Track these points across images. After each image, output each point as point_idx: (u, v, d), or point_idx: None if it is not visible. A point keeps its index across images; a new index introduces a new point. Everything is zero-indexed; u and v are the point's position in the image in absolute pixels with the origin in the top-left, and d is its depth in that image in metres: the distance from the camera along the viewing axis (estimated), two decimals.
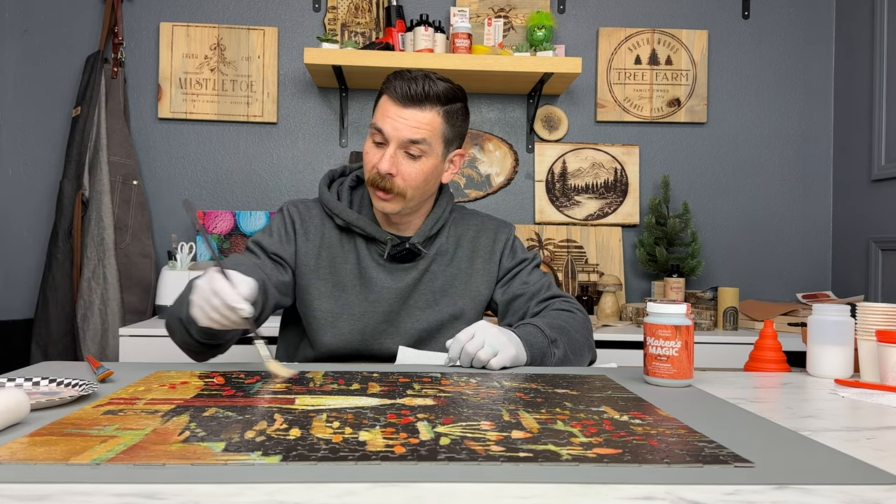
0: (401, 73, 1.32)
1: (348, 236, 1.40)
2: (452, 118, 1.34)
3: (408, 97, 1.29)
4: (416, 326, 1.39)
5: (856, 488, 0.61)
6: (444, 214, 1.43)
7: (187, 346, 1.24)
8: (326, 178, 1.46)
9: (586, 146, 2.70)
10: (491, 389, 1.00)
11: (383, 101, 1.32)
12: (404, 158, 1.31)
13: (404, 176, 1.31)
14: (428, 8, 2.64)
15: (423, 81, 1.29)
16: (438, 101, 1.30)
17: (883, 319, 1.15)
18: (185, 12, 2.61)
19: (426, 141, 1.30)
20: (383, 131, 1.30)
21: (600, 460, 0.66)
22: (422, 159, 1.31)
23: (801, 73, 2.75)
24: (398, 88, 1.29)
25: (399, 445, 0.70)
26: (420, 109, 1.29)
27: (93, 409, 0.83)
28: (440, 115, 1.31)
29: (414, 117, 1.29)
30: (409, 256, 1.39)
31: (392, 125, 1.29)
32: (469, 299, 1.43)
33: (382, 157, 1.29)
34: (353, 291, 1.38)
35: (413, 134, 1.29)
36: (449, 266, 1.43)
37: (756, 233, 2.74)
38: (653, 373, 1.06)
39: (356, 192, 1.45)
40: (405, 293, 1.39)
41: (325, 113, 2.66)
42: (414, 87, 1.28)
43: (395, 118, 1.29)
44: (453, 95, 1.33)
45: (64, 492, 0.57)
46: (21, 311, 2.55)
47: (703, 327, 2.33)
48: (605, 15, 2.72)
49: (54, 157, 2.57)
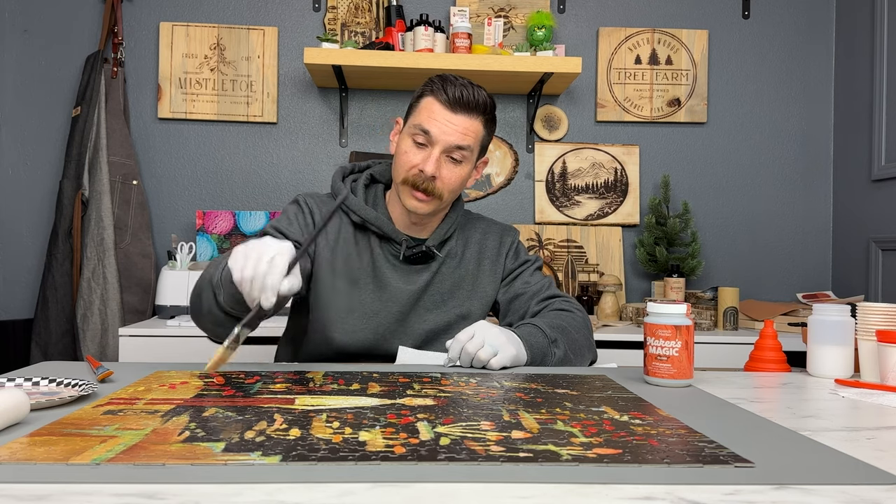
0: (447, 77, 1.33)
1: (363, 234, 1.40)
2: (490, 127, 1.37)
3: (459, 103, 1.30)
4: (423, 327, 1.39)
5: (856, 488, 0.61)
6: (459, 219, 1.45)
7: (212, 317, 1.15)
8: (339, 174, 1.45)
9: (586, 146, 2.70)
10: (491, 389, 1.00)
11: (429, 102, 1.32)
12: (447, 162, 1.32)
13: (444, 179, 1.32)
14: (428, 8, 2.64)
15: (472, 89, 1.32)
16: (484, 110, 1.33)
17: (883, 319, 1.15)
18: (184, 12, 2.61)
19: (470, 148, 1.32)
20: (430, 133, 1.30)
21: (600, 460, 0.66)
22: (462, 165, 1.33)
23: (801, 73, 2.75)
24: (448, 92, 1.30)
25: (399, 445, 0.70)
26: (468, 116, 1.31)
27: (93, 409, 0.83)
28: (482, 125, 1.34)
29: (463, 124, 1.31)
30: (423, 258, 1.40)
31: (441, 129, 1.30)
32: (476, 301, 1.44)
33: (428, 159, 1.30)
34: (366, 290, 1.38)
35: (461, 140, 1.31)
36: (457, 268, 1.44)
37: (756, 233, 2.74)
38: (653, 373, 1.06)
39: (370, 190, 1.45)
40: (417, 295, 1.39)
41: (325, 113, 2.66)
42: (466, 93, 1.30)
43: (444, 122, 1.30)
44: (492, 106, 1.36)
45: (64, 492, 0.57)
46: (21, 311, 2.55)
47: (703, 327, 2.33)
48: (605, 15, 2.72)
49: (54, 157, 2.57)
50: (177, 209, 2.61)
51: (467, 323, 1.39)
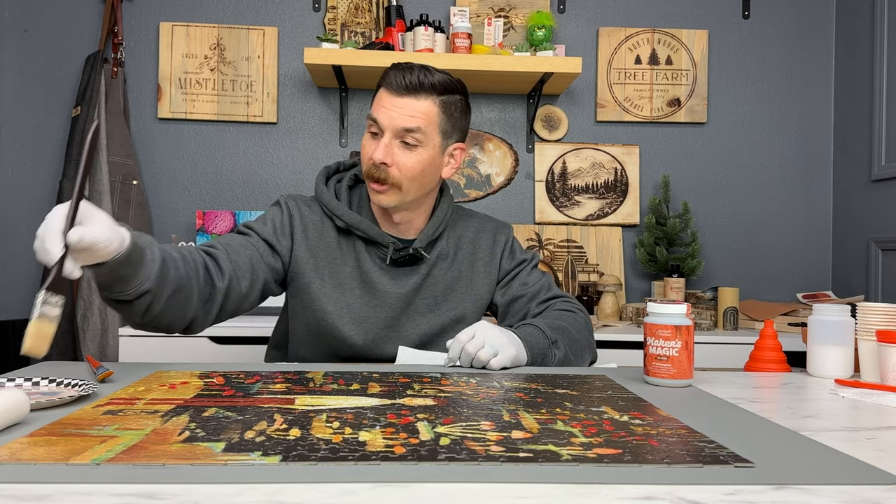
0: (398, 64, 1.31)
1: (347, 238, 1.37)
2: (450, 109, 1.31)
3: (403, 87, 1.27)
4: (416, 331, 1.37)
5: (856, 488, 0.61)
6: (447, 217, 1.41)
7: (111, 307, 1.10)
8: (323, 176, 1.42)
9: (586, 146, 2.70)
10: (491, 389, 1.00)
11: (380, 92, 1.31)
12: (400, 148, 1.28)
13: (400, 166, 1.28)
14: (428, 8, 2.64)
15: (420, 71, 1.28)
16: (434, 90, 1.29)
17: (883, 319, 1.15)
18: (184, 12, 2.61)
19: (421, 129, 1.28)
20: (378, 121, 1.29)
21: (600, 460, 0.66)
22: (418, 150, 1.29)
23: (801, 73, 2.75)
24: (394, 78, 1.28)
25: (399, 445, 0.70)
26: (415, 98, 1.28)
27: (93, 409, 0.83)
28: (437, 105, 1.29)
29: (409, 106, 1.27)
30: (411, 261, 1.37)
31: (387, 114, 1.28)
32: (470, 303, 1.41)
33: (377, 147, 1.28)
34: (353, 295, 1.35)
35: (407, 122, 1.27)
36: (450, 270, 1.41)
37: (756, 233, 2.74)
38: (653, 373, 1.06)
39: (354, 191, 1.42)
40: (408, 298, 1.37)
41: (325, 113, 2.66)
42: (409, 76, 1.27)
43: (389, 107, 1.28)
44: (451, 87, 1.31)
45: (64, 492, 0.57)
46: (21, 311, 2.55)
47: (703, 327, 2.33)
48: (605, 15, 2.72)
49: (54, 157, 2.57)
50: (177, 209, 2.61)
51: (461, 326, 1.37)
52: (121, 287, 1.03)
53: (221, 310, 1.24)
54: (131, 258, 1.00)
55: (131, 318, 1.10)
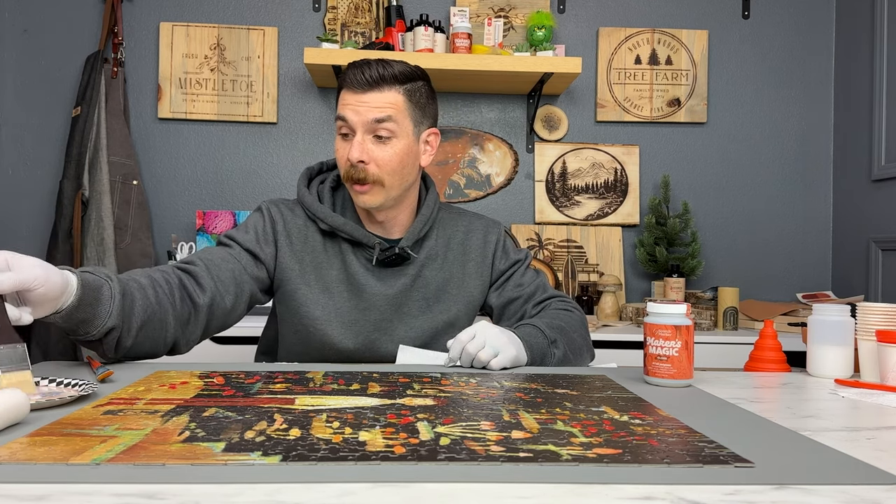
0: (355, 62, 1.29)
1: (332, 240, 1.35)
2: (415, 96, 1.30)
3: (365, 82, 1.26)
4: (410, 334, 1.36)
5: (856, 488, 0.61)
6: (433, 215, 1.39)
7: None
8: (304, 178, 1.40)
9: (586, 146, 2.70)
10: (491, 389, 1.00)
11: (343, 94, 1.30)
12: (374, 144, 1.27)
13: (377, 162, 1.27)
14: (428, 8, 2.64)
15: (378, 65, 1.27)
16: (396, 80, 1.28)
17: (883, 319, 1.15)
18: (184, 12, 2.61)
19: (392, 118, 1.27)
20: (347, 119, 1.27)
21: (600, 460, 0.66)
22: (392, 141, 1.28)
23: (801, 73, 2.75)
24: (354, 77, 1.27)
25: (399, 445, 0.70)
26: (380, 91, 1.27)
27: (93, 409, 0.83)
28: (402, 94, 1.28)
29: (375, 99, 1.26)
30: (399, 261, 1.34)
31: (354, 111, 1.26)
32: (463, 304, 1.40)
33: (351, 147, 1.27)
34: (341, 298, 1.33)
35: (377, 113, 1.26)
36: (441, 270, 1.39)
37: (756, 233, 2.74)
38: (653, 373, 1.06)
39: (337, 192, 1.40)
40: (398, 300, 1.35)
41: (325, 113, 2.66)
42: (369, 71, 1.26)
43: (356, 104, 1.27)
44: (412, 74, 1.30)
45: (64, 492, 0.57)
46: None
47: (703, 327, 2.33)
48: (605, 15, 2.72)
49: (54, 157, 2.57)
50: (177, 209, 2.61)
51: (454, 329, 1.37)
52: (84, 329, 1.04)
53: (207, 327, 1.23)
54: (83, 301, 1.01)
55: (105, 354, 1.11)
